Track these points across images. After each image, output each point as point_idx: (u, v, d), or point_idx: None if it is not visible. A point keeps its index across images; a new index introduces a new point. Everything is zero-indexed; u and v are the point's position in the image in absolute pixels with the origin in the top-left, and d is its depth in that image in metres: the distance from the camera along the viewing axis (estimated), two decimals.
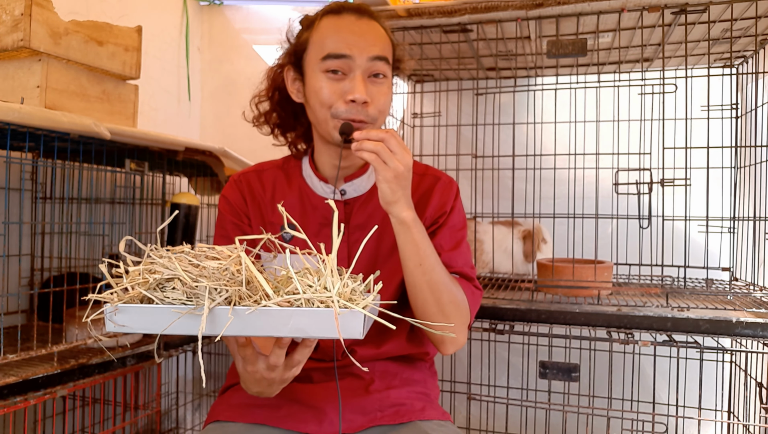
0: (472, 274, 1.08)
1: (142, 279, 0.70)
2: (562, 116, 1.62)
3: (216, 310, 0.67)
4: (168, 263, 0.70)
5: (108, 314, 0.69)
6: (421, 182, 1.10)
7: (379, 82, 0.99)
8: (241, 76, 2.28)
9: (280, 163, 1.15)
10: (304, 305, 0.68)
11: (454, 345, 1.04)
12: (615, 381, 1.67)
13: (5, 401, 1.08)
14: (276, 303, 0.67)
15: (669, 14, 1.33)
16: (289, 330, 0.67)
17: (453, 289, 0.99)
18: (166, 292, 0.70)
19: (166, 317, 0.68)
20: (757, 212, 1.48)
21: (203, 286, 0.68)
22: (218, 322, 0.67)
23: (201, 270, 0.70)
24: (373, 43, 0.98)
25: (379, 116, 1.00)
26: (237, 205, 1.09)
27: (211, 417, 1.02)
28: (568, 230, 1.58)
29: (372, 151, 0.88)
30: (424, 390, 1.07)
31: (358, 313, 0.66)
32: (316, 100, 1.00)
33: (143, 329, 0.69)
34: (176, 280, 0.69)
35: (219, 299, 0.67)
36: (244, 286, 0.69)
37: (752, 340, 1.25)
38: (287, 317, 0.67)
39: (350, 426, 0.97)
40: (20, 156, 1.44)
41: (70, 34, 1.25)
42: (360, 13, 1.01)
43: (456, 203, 1.10)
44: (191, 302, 0.69)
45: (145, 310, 0.69)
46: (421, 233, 0.95)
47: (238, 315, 0.67)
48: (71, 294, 1.39)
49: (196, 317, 0.67)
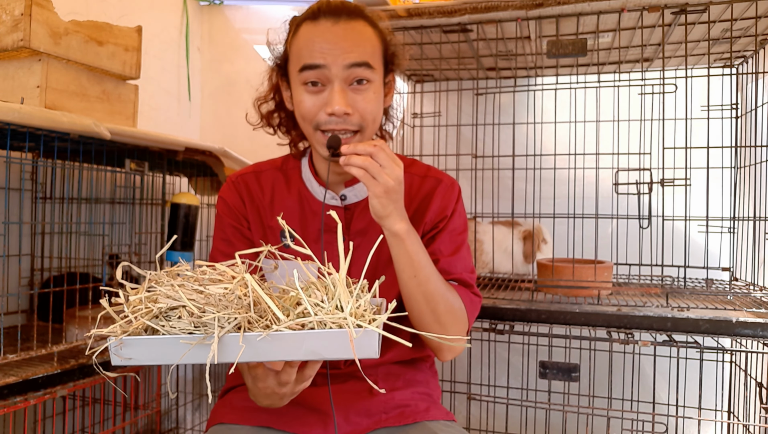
0: (472, 280, 1.06)
1: (144, 308, 0.68)
2: (562, 116, 1.62)
3: (226, 337, 0.65)
4: (171, 292, 0.67)
5: (113, 348, 0.67)
6: (423, 185, 1.08)
7: (362, 89, 0.95)
8: (241, 76, 2.28)
9: (279, 163, 1.12)
10: (316, 327, 0.66)
11: (452, 353, 1.03)
12: (615, 381, 1.67)
13: (5, 401, 1.08)
14: (287, 326, 0.65)
15: (669, 14, 1.33)
16: (303, 353, 0.65)
17: (450, 298, 0.97)
18: (171, 321, 0.67)
19: (174, 347, 0.66)
20: (757, 212, 1.48)
21: (211, 316, 0.65)
22: (229, 350, 0.65)
23: (206, 297, 0.67)
24: (350, 50, 0.93)
25: (367, 124, 0.97)
26: (235, 207, 1.07)
27: (214, 420, 1.02)
28: (568, 230, 1.58)
29: (360, 166, 0.85)
30: (427, 391, 1.07)
31: (372, 332, 0.64)
32: (298, 113, 0.99)
33: (150, 361, 0.67)
34: (181, 309, 0.67)
35: (228, 327, 0.65)
36: (252, 310, 0.67)
37: (752, 340, 1.25)
38: (300, 340, 0.65)
39: (356, 428, 0.97)
40: (20, 156, 1.44)
41: (70, 34, 1.25)
42: (337, 16, 0.95)
43: (457, 206, 1.08)
44: (198, 331, 0.66)
45: (151, 342, 0.66)
46: (415, 245, 0.93)
47: (249, 342, 0.65)
48: (71, 294, 1.39)
49: (206, 346, 0.65)
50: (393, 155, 0.88)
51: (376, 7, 1.43)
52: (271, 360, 0.67)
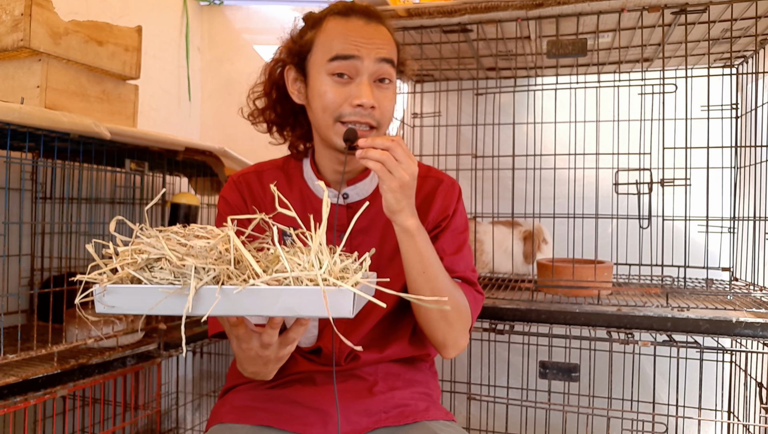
0: (474, 278, 1.07)
1: (131, 259, 0.69)
2: (562, 116, 1.62)
3: (203, 290, 0.66)
4: (155, 242, 0.69)
5: (97, 295, 0.68)
6: (423, 185, 1.08)
7: (385, 87, 0.98)
8: (241, 76, 2.27)
9: (280, 163, 1.13)
10: (293, 283, 0.66)
11: (456, 349, 1.03)
12: (615, 381, 1.67)
13: (5, 401, 1.08)
14: (264, 282, 0.66)
15: (669, 14, 1.33)
16: (278, 309, 0.65)
17: (456, 295, 0.99)
18: (154, 272, 0.68)
19: (153, 297, 0.67)
20: (757, 212, 1.48)
21: (190, 265, 0.66)
22: (206, 302, 0.66)
23: (188, 249, 0.69)
24: (381, 46, 0.97)
25: (385, 122, 0.99)
26: (237, 207, 1.07)
27: (214, 419, 1.02)
28: (568, 230, 1.58)
29: (377, 160, 0.86)
30: (427, 391, 1.07)
31: (347, 291, 0.64)
32: (319, 104, 0.98)
33: (131, 310, 0.68)
34: (163, 260, 0.68)
35: (206, 279, 0.66)
36: (233, 265, 0.68)
37: (752, 340, 1.25)
38: (275, 296, 0.65)
39: (355, 428, 0.97)
40: (20, 156, 1.44)
41: (70, 34, 1.25)
42: (369, 17, 1.00)
43: (458, 206, 1.09)
44: (179, 282, 0.67)
45: (132, 290, 0.67)
46: (424, 241, 0.94)
47: (225, 295, 0.65)
48: (71, 294, 1.39)
49: (184, 297, 0.66)
50: (409, 151, 0.89)
51: (376, 8, 1.43)
52: (246, 314, 0.67)
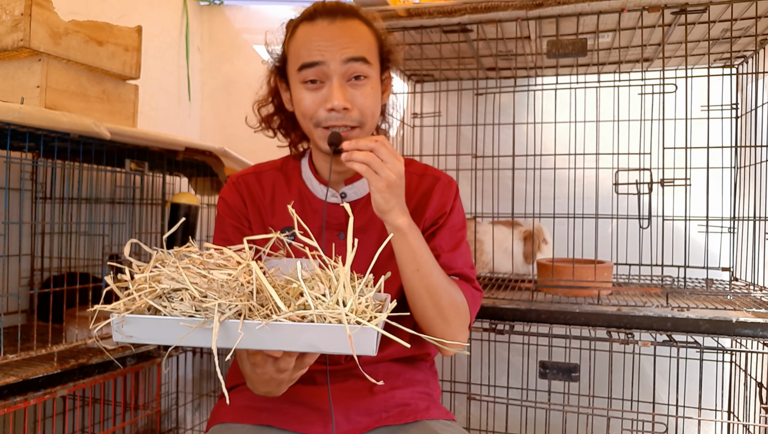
0: (472, 275, 1.07)
1: (148, 288, 0.68)
2: (562, 116, 1.62)
3: (226, 323, 0.66)
4: (175, 274, 0.68)
5: (115, 325, 0.67)
6: (421, 183, 1.09)
7: (360, 84, 0.97)
8: (241, 76, 2.28)
9: (279, 164, 1.13)
10: (316, 320, 0.66)
11: (455, 347, 1.04)
12: (615, 381, 1.67)
13: (5, 401, 1.08)
14: (287, 317, 0.66)
15: (669, 14, 1.33)
16: (301, 344, 0.66)
17: (452, 292, 0.99)
18: (174, 302, 0.68)
19: (174, 329, 0.66)
20: (757, 212, 1.48)
21: (212, 301, 0.66)
22: (229, 335, 0.66)
23: (209, 282, 0.68)
24: (347, 45, 0.95)
25: (366, 119, 0.98)
26: (236, 207, 1.08)
27: (215, 419, 1.02)
28: (568, 230, 1.58)
29: (362, 162, 0.86)
30: (427, 390, 1.07)
31: (371, 330, 0.64)
32: (299, 112, 1.00)
33: (151, 340, 0.68)
34: (184, 291, 0.68)
35: (229, 313, 0.66)
36: (255, 298, 0.67)
37: (752, 340, 1.25)
38: (299, 332, 0.65)
39: (356, 427, 0.97)
40: (20, 156, 1.44)
41: (70, 34, 1.25)
42: (333, 16, 0.97)
43: (456, 203, 1.09)
44: (200, 314, 0.67)
45: (153, 322, 0.67)
46: (417, 239, 0.94)
47: (248, 330, 0.65)
48: (71, 294, 1.39)
49: (206, 330, 0.66)
50: (394, 150, 0.89)
51: (376, 8, 1.43)
52: (269, 349, 0.67)
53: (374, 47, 1.00)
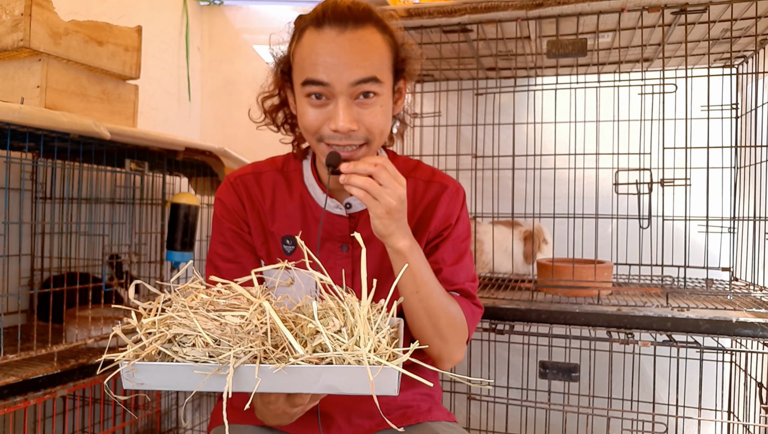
0: (473, 290, 1.04)
1: (158, 332, 0.66)
2: (562, 116, 1.62)
3: (241, 369, 0.64)
4: (186, 319, 0.66)
5: (125, 373, 0.65)
6: (427, 191, 1.04)
7: (369, 103, 0.89)
8: (241, 76, 2.28)
9: (279, 165, 1.08)
10: (334, 361, 0.65)
11: (451, 362, 1.02)
12: (615, 381, 1.67)
13: (5, 401, 1.08)
14: (305, 359, 0.64)
15: (669, 14, 1.33)
16: (320, 387, 0.64)
17: (451, 312, 0.96)
18: (185, 347, 0.66)
19: (186, 375, 0.64)
20: (757, 212, 1.48)
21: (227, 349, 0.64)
22: (244, 380, 0.64)
23: (222, 326, 0.66)
24: (356, 64, 0.86)
25: (374, 138, 0.91)
26: (235, 210, 1.03)
27: (216, 421, 1.01)
28: (568, 230, 1.58)
29: (360, 187, 0.82)
30: (428, 391, 1.07)
31: (392, 370, 0.63)
32: (301, 124, 0.94)
33: (163, 387, 0.66)
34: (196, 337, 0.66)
35: (244, 358, 0.64)
36: (269, 338, 0.65)
37: (752, 340, 1.25)
38: (317, 375, 0.64)
39: (358, 431, 0.97)
40: (20, 156, 1.44)
41: (70, 34, 1.24)
42: (343, 24, 0.87)
43: (462, 213, 1.05)
44: (213, 360, 0.65)
45: (165, 368, 0.65)
46: (418, 261, 0.90)
47: (265, 374, 0.63)
48: (71, 294, 1.39)
49: (220, 376, 0.64)
50: (395, 172, 0.84)
51: (376, 8, 1.43)
52: (286, 391, 0.66)
53: (387, 60, 0.92)
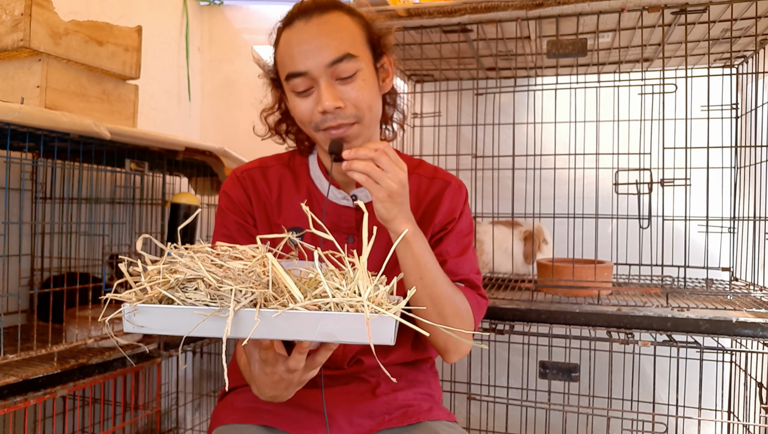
0: (478, 281, 1.05)
1: (162, 279, 0.67)
2: (562, 116, 1.62)
3: (242, 312, 0.65)
4: (191, 263, 0.67)
5: (126, 314, 0.66)
6: (431, 187, 1.07)
7: (350, 80, 0.93)
8: (241, 76, 2.28)
9: (286, 159, 1.10)
10: (332, 309, 0.65)
11: (458, 354, 1.02)
12: (615, 381, 1.67)
13: (5, 401, 1.08)
14: (304, 306, 0.65)
15: (669, 14, 1.33)
16: (317, 334, 0.64)
17: (456, 300, 0.97)
18: (187, 293, 0.67)
19: (188, 318, 0.65)
20: (757, 212, 1.48)
21: (228, 288, 0.65)
22: (243, 325, 0.65)
23: (225, 271, 0.67)
24: (327, 45, 0.91)
25: (363, 113, 0.94)
26: (241, 203, 1.05)
27: (216, 421, 1.01)
28: (568, 230, 1.58)
29: (362, 172, 0.84)
30: (429, 391, 1.07)
31: (389, 319, 0.64)
32: (297, 119, 0.98)
33: (164, 330, 0.66)
34: (199, 281, 0.67)
35: (244, 302, 0.65)
36: (270, 288, 0.66)
37: (752, 340, 1.25)
38: (315, 321, 0.64)
39: (359, 430, 0.97)
40: (20, 156, 1.44)
41: (70, 34, 1.24)
42: (309, 14, 0.93)
43: (465, 208, 1.07)
44: (215, 303, 0.66)
45: (167, 311, 0.66)
46: (421, 247, 0.92)
47: (264, 318, 0.64)
48: (71, 294, 1.39)
49: (220, 319, 0.65)
50: (396, 157, 0.86)
51: (376, 8, 1.43)
52: (284, 338, 0.66)
53: (359, 36, 0.96)
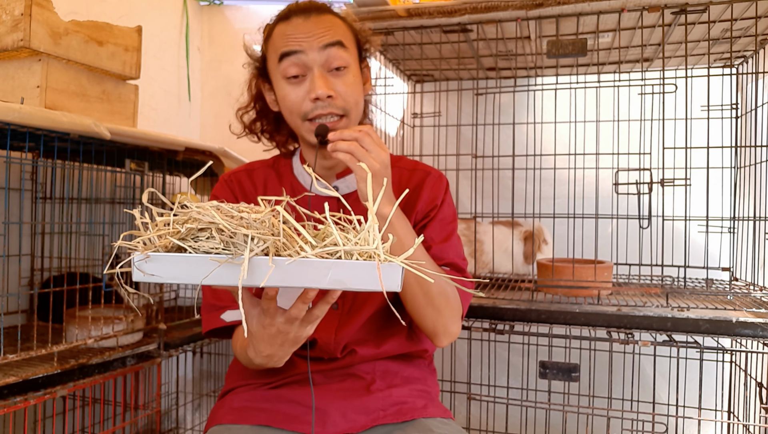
0: (463, 265, 1.08)
1: (172, 229, 0.66)
2: (562, 116, 1.62)
3: (255, 260, 0.64)
4: (204, 212, 0.66)
5: (137, 262, 0.64)
6: (412, 177, 1.11)
7: (341, 74, 0.99)
8: (241, 77, 2.25)
9: (270, 162, 1.15)
10: (343, 257, 0.66)
11: (448, 337, 1.03)
12: (615, 381, 1.67)
13: (5, 401, 1.08)
14: (316, 255, 0.66)
15: (669, 14, 1.33)
16: (329, 281, 0.65)
17: (441, 282, 0.98)
18: (199, 242, 0.66)
19: (201, 266, 0.64)
20: (757, 212, 1.48)
21: (242, 235, 0.64)
22: (256, 272, 0.65)
23: (239, 220, 0.67)
24: (323, 33, 0.98)
25: (351, 108, 1.00)
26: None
27: (213, 421, 1.02)
28: (568, 230, 1.58)
29: (346, 151, 0.88)
30: (425, 388, 1.07)
31: (396, 266, 0.65)
32: (285, 108, 1.03)
33: (176, 278, 0.65)
34: (211, 230, 0.66)
35: (257, 250, 0.65)
36: (282, 237, 0.66)
37: (752, 340, 1.25)
38: (327, 268, 0.65)
39: (353, 426, 0.97)
40: (20, 156, 1.44)
41: (70, 34, 1.24)
42: (307, 12, 1.01)
43: (446, 197, 1.11)
44: (227, 252, 0.65)
45: (179, 259, 0.65)
46: (404, 228, 0.94)
47: (277, 265, 0.64)
48: (71, 294, 1.39)
49: (233, 267, 0.64)
50: (379, 140, 0.91)
51: (376, 8, 1.43)
52: (297, 285, 0.66)
53: (350, 35, 1.04)
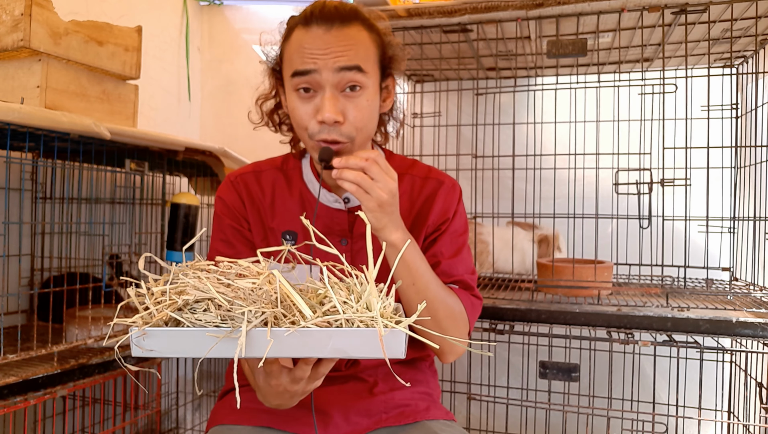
0: (473, 282, 1.05)
1: (168, 300, 0.66)
2: (562, 116, 1.62)
3: (253, 332, 0.64)
4: (199, 283, 0.66)
5: (135, 338, 0.64)
6: (425, 187, 1.07)
7: (355, 96, 0.92)
8: (241, 76, 2.28)
9: (279, 163, 1.11)
10: (343, 325, 0.65)
11: (453, 355, 1.03)
12: (615, 381, 1.67)
13: (5, 401, 1.08)
14: (314, 323, 0.65)
15: (669, 14, 1.33)
16: (329, 350, 0.64)
17: (450, 303, 0.97)
18: (196, 313, 0.66)
19: (198, 341, 0.64)
20: (757, 212, 1.48)
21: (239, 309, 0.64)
22: (255, 344, 0.64)
23: (234, 291, 0.66)
24: (341, 53, 0.90)
25: (358, 133, 0.94)
26: (235, 208, 1.06)
27: (213, 421, 1.01)
28: (568, 230, 1.58)
29: (352, 181, 0.84)
30: (427, 390, 1.07)
31: (399, 332, 0.64)
32: (293, 120, 0.97)
33: (175, 353, 0.65)
34: (208, 302, 0.66)
35: (256, 322, 0.64)
36: (279, 306, 0.66)
37: (752, 340, 1.25)
38: (327, 338, 0.64)
39: (356, 428, 0.97)
40: (20, 156, 1.44)
41: (70, 34, 1.24)
42: (330, 23, 0.91)
43: (459, 208, 1.08)
44: (225, 324, 0.65)
45: (176, 334, 0.64)
46: (413, 253, 0.91)
47: (276, 337, 0.64)
48: (71, 294, 1.39)
49: (231, 340, 0.64)
50: (387, 166, 0.86)
51: (376, 8, 1.43)
52: (297, 356, 0.66)
53: (373, 54, 0.95)
